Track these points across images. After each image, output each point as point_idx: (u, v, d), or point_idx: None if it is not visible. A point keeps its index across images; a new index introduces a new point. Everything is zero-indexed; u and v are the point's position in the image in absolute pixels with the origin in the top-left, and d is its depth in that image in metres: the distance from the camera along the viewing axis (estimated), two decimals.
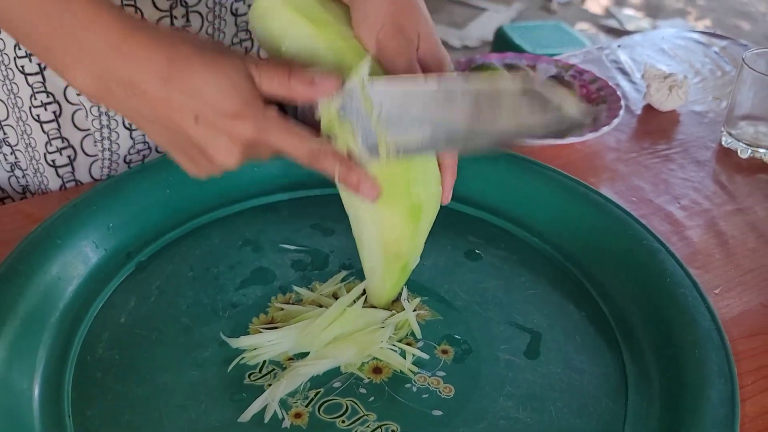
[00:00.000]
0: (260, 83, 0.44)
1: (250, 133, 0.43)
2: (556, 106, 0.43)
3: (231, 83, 0.42)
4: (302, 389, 0.48)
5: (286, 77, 0.43)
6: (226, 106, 0.42)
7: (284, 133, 0.44)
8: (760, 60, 0.75)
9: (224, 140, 0.44)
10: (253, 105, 0.43)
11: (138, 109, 0.44)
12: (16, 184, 0.70)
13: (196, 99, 0.42)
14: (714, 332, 0.50)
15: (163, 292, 0.55)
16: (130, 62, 0.42)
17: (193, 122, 0.43)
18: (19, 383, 0.47)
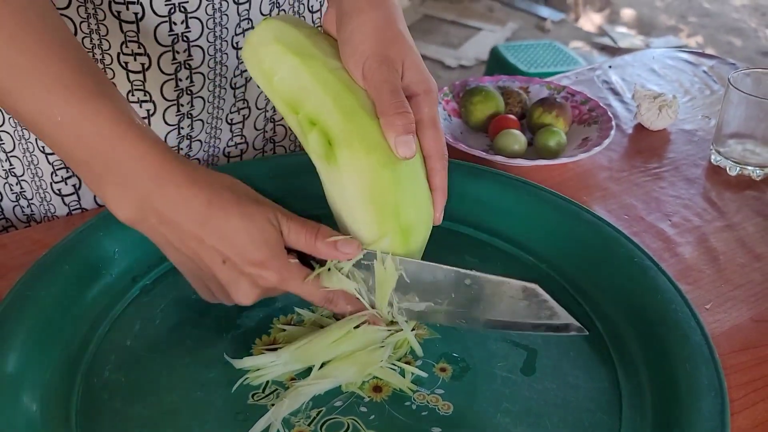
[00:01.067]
0: (288, 236, 0.49)
1: (273, 282, 0.49)
2: (550, 306, 0.50)
3: (262, 236, 0.47)
4: (304, 408, 0.49)
5: (313, 237, 0.49)
6: (254, 255, 0.47)
7: (302, 283, 0.50)
8: (746, 80, 0.77)
9: (246, 284, 0.49)
10: (279, 256, 0.48)
11: (168, 238, 0.48)
12: (21, 213, 0.72)
13: (228, 245, 0.46)
14: (704, 347, 0.51)
15: (168, 315, 0.57)
16: (170, 199, 0.46)
17: (220, 263, 0.47)
18: (28, 406, 0.48)
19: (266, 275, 0.48)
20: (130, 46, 0.62)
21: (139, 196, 0.46)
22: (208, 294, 0.52)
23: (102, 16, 0.60)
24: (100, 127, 0.45)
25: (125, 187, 0.46)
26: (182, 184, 0.46)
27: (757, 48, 3.25)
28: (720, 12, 3.59)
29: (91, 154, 0.45)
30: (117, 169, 0.45)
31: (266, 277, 0.48)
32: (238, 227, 0.46)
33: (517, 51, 2.51)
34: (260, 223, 0.47)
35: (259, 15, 0.67)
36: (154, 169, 0.45)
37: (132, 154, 0.45)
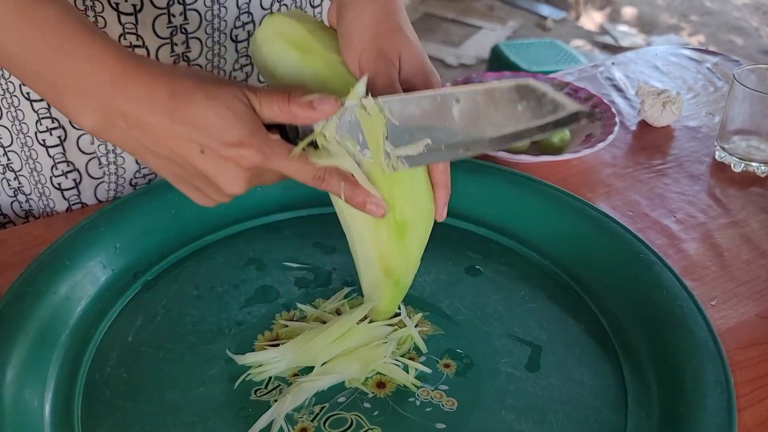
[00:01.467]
0: (261, 110, 0.45)
1: (256, 159, 0.44)
2: (550, 99, 0.44)
3: (233, 113, 0.44)
4: (307, 404, 0.49)
5: (285, 102, 0.45)
6: (230, 135, 0.44)
7: (288, 158, 0.45)
8: (750, 76, 0.77)
9: (231, 169, 0.45)
10: (257, 132, 0.44)
11: (141, 142, 0.45)
12: (19, 209, 0.71)
13: (200, 131, 0.43)
14: (710, 343, 0.51)
15: (169, 311, 0.56)
16: (132, 97, 0.43)
17: (198, 153, 0.44)
18: (30, 402, 0.48)
19: (247, 154, 0.44)
20: (129, 38, 0.62)
21: (100, 100, 0.43)
22: (202, 197, 0.48)
23: (100, 8, 0.60)
24: (46, 32, 0.42)
25: (84, 93, 0.43)
26: (141, 80, 0.43)
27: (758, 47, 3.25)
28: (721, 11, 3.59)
29: (42, 63, 0.43)
30: (72, 76, 0.43)
31: (248, 156, 0.44)
32: (207, 111, 0.43)
33: (518, 49, 2.51)
34: (228, 101, 0.44)
35: (260, 9, 0.67)
36: (109, 70, 0.43)
37: (84, 56, 0.43)
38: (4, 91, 0.63)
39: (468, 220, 0.66)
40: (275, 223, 0.66)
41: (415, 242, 0.52)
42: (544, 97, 0.44)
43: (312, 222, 0.66)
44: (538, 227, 0.64)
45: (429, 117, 0.46)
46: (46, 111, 0.64)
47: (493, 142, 0.46)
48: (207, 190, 0.47)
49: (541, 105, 0.45)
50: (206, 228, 0.64)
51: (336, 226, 0.64)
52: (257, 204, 0.66)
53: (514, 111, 0.45)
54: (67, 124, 0.66)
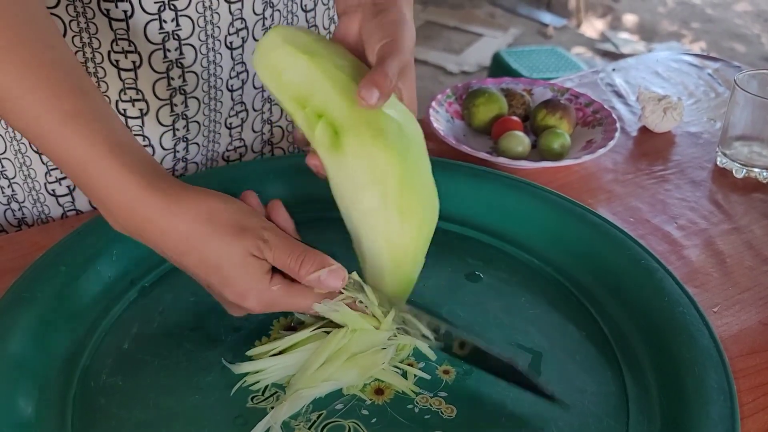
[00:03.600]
0: (273, 261, 0.48)
1: (256, 309, 0.49)
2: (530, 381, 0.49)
3: (242, 269, 0.47)
4: (305, 411, 0.48)
5: (296, 267, 0.48)
6: (232, 286, 0.48)
7: (288, 301, 0.49)
8: (752, 81, 0.76)
9: (233, 308, 0.50)
10: (258, 285, 0.48)
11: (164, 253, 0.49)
12: (12, 217, 0.71)
13: (207, 275, 0.48)
14: (713, 350, 0.50)
15: (166, 318, 0.56)
16: (147, 231, 0.47)
17: (206, 286, 0.50)
18: (24, 409, 0.47)
19: (247, 304, 0.48)
20: (121, 44, 0.62)
21: (121, 221, 0.47)
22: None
23: (91, 14, 0.60)
24: (75, 152, 0.45)
25: (106, 210, 0.47)
26: (157, 218, 0.46)
27: (760, 54, 3.25)
28: (723, 18, 3.59)
29: (71, 175, 0.46)
30: (94, 194, 0.47)
31: (248, 306, 0.48)
32: (217, 262, 0.47)
33: (519, 56, 2.51)
34: (240, 258, 0.47)
35: (252, 14, 0.67)
36: (127, 200, 0.46)
37: (105, 181, 0.46)
38: None
39: (468, 226, 0.65)
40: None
41: (423, 233, 0.51)
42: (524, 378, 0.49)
43: (309, 227, 0.66)
44: (538, 233, 0.63)
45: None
46: None
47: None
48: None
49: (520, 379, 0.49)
50: None
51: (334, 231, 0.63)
52: None
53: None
54: None
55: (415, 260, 0.52)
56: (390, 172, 0.48)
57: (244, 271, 0.47)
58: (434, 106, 0.81)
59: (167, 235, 0.47)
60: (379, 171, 0.48)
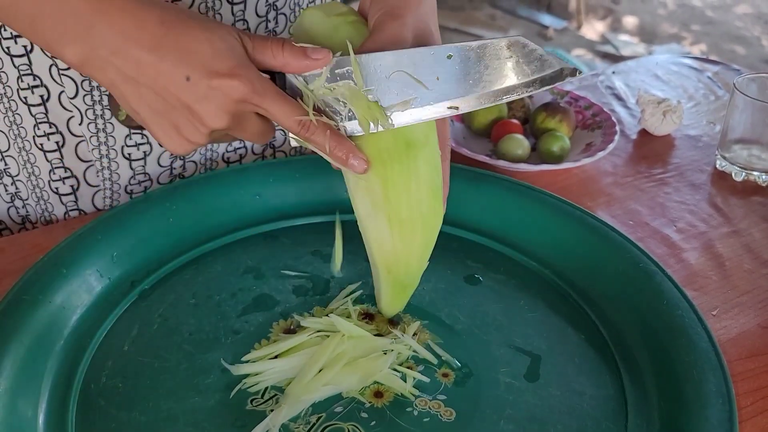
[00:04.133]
0: (253, 53, 0.44)
1: (244, 91, 0.43)
2: (538, 56, 0.46)
3: (226, 45, 0.43)
4: (304, 414, 0.49)
5: (279, 48, 0.44)
6: (219, 65, 0.42)
7: (277, 97, 0.44)
8: (751, 85, 0.76)
9: (216, 99, 0.43)
10: (248, 66, 0.43)
11: (123, 71, 0.43)
12: (16, 215, 0.71)
13: (189, 59, 0.42)
14: (711, 353, 0.50)
15: (166, 320, 0.56)
16: (117, 25, 0.42)
17: (184, 82, 0.43)
18: (24, 411, 0.47)
19: (236, 84, 0.43)
20: None
21: (83, 29, 0.42)
22: (178, 138, 0.46)
23: None
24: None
25: (66, 22, 0.42)
26: (128, 8, 0.42)
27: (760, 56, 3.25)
28: (723, 20, 3.59)
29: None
30: (54, 5, 0.41)
31: (236, 87, 0.43)
32: (199, 39, 0.42)
33: None
34: (221, 33, 0.43)
35: (255, 16, 0.67)
36: (100, 2, 0.42)
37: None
38: (1, 95, 0.63)
39: (467, 229, 0.66)
40: (273, 232, 0.66)
41: (415, 241, 0.51)
42: (532, 54, 0.46)
43: (310, 230, 0.66)
44: (537, 236, 0.63)
45: (420, 73, 0.46)
46: (43, 115, 0.64)
47: (481, 98, 0.47)
48: (186, 125, 0.45)
49: (529, 62, 0.46)
50: (203, 236, 0.64)
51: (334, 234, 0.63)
52: (255, 212, 0.66)
53: (503, 68, 0.46)
54: (65, 129, 0.65)
55: (408, 267, 0.52)
56: (375, 180, 0.48)
57: (228, 49, 0.43)
58: None
59: (140, 24, 0.42)
60: (367, 178, 0.48)
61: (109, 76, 0.44)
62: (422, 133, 0.48)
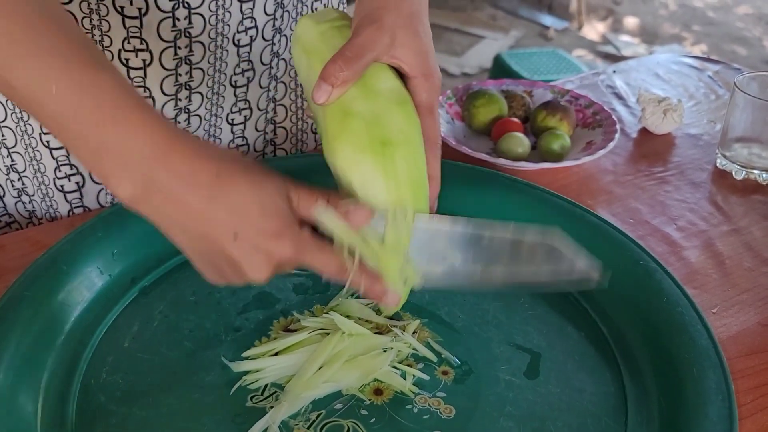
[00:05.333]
0: (297, 207, 0.46)
1: (288, 253, 0.45)
2: (569, 260, 0.48)
3: (273, 205, 0.44)
4: (303, 411, 0.49)
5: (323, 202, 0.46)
6: (267, 226, 0.44)
7: (317, 253, 0.46)
8: (752, 83, 0.76)
9: (261, 258, 0.45)
10: (291, 227, 0.45)
11: (174, 218, 0.44)
12: (23, 209, 0.71)
13: (239, 217, 0.44)
14: (711, 350, 0.50)
15: (166, 317, 0.56)
16: (175, 172, 0.43)
17: (231, 239, 0.44)
18: (24, 407, 0.47)
19: (281, 247, 0.45)
20: (132, 42, 0.62)
21: (142, 172, 0.42)
22: (218, 277, 0.48)
23: (105, 11, 0.60)
24: (100, 98, 0.42)
25: (126, 162, 0.42)
26: (188, 156, 0.43)
27: (761, 57, 3.25)
28: (724, 21, 3.59)
29: (88, 127, 0.42)
30: (117, 143, 0.42)
31: (281, 250, 0.45)
32: (248, 198, 0.44)
33: (520, 59, 2.51)
34: (271, 192, 0.44)
35: (263, 14, 0.67)
36: (157, 142, 0.42)
37: (134, 126, 0.42)
38: None
39: None
40: None
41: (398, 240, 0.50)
42: (564, 258, 0.48)
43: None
44: None
45: (453, 246, 0.48)
46: None
47: (505, 283, 0.49)
48: (227, 272, 0.47)
49: (559, 263, 0.48)
50: None
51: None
52: None
53: (533, 262, 0.48)
54: None
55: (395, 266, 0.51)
56: (354, 179, 0.48)
57: (275, 209, 0.44)
58: None
59: (196, 175, 0.43)
60: (346, 178, 0.48)
61: (158, 218, 0.45)
62: (399, 131, 0.48)
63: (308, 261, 0.47)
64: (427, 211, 0.51)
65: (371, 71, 0.49)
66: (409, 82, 0.51)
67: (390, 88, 0.49)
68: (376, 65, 0.50)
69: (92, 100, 0.42)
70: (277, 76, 0.74)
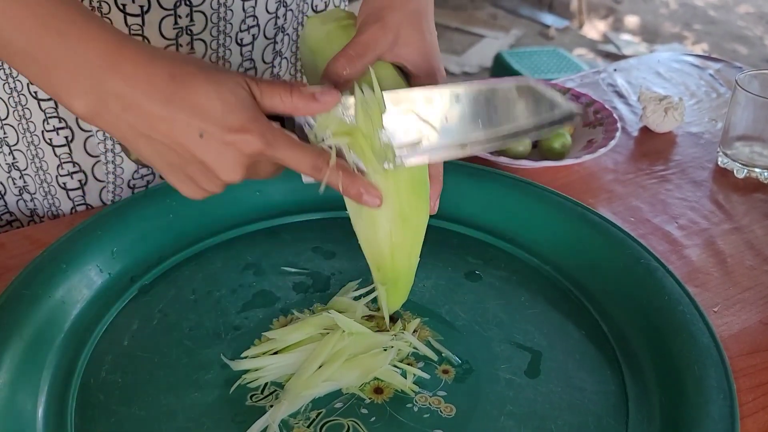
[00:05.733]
0: (261, 99, 0.44)
1: (257, 146, 0.43)
2: (548, 100, 0.46)
3: (236, 99, 0.43)
4: (304, 410, 0.48)
5: (288, 92, 0.44)
6: (232, 121, 0.43)
7: (289, 146, 0.45)
8: (753, 81, 0.76)
9: (230, 154, 0.43)
10: (259, 118, 0.44)
11: (135, 126, 0.43)
12: (24, 207, 0.71)
13: (201, 114, 0.42)
14: (713, 349, 0.50)
15: (166, 316, 0.56)
16: (128, 77, 0.42)
17: (197, 138, 0.43)
18: (24, 405, 0.47)
19: (249, 139, 0.43)
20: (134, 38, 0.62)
21: (95, 81, 0.41)
22: (193, 187, 0.46)
23: (107, 9, 0.60)
24: (39, 12, 0.41)
25: (77, 73, 0.41)
26: (140, 61, 0.42)
27: (762, 56, 3.24)
28: (725, 20, 3.59)
29: (34, 43, 0.41)
30: (65, 56, 0.41)
31: (250, 142, 0.43)
32: (208, 94, 0.42)
33: (520, 58, 2.51)
34: (231, 87, 0.43)
35: (265, 12, 0.67)
36: (108, 50, 0.41)
37: (79, 36, 0.41)
38: (12, 89, 0.63)
39: (468, 225, 0.65)
40: (274, 228, 0.65)
41: (400, 240, 0.50)
42: (542, 97, 0.45)
43: (311, 227, 0.66)
44: (538, 233, 0.63)
45: (429, 114, 0.46)
46: (53, 110, 0.64)
47: (491, 141, 0.47)
48: (200, 178, 0.45)
49: (538, 105, 0.46)
50: (204, 232, 0.64)
51: (335, 230, 0.63)
52: (256, 208, 0.66)
53: (513, 111, 0.46)
54: (74, 124, 0.65)
55: (395, 266, 0.51)
56: None
57: (238, 102, 0.43)
58: None
59: (151, 78, 0.42)
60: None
61: (121, 130, 0.44)
62: None
63: (280, 155, 0.45)
64: (428, 209, 0.51)
65: (374, 70, 0.49)
66: (412, 80, 0.51)
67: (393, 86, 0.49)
68: (379, 63, 0.50)
69: (34, 17, 0.41)
70: (279, 74, 0.74)
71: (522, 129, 0.46)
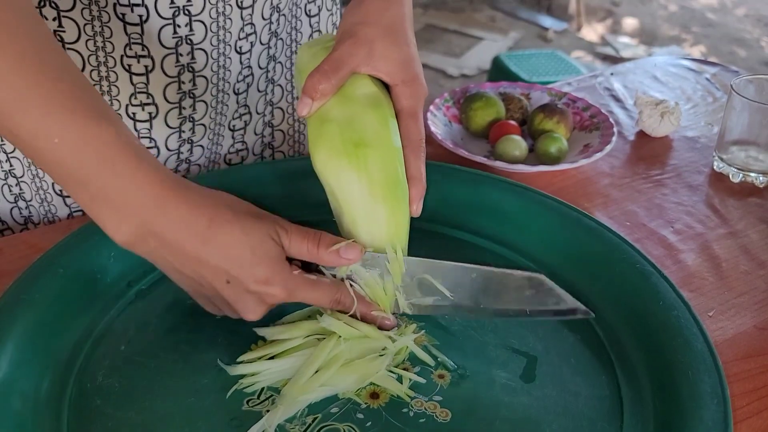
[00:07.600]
0: (289, 249, 0.49)
1: (280, 296, 0.49)
2: (555, 298, 0.52)
3: (263, 250, 0.47)
4: (300, 415, 0.49)
5: (315, 246, 0.49)
6: (258, 273, 0.47)
7: (309, 289, 0.50)
8: (749, 86, 0.76)
9: (253, 301, 0.49)
10: (282, 271, 0.48)
11: (169, 260, 0.47)
12: (18, 215, 0.71)
13: (231, 263, 0.47)
14: (707, 354, 0.50)
15: (163, 320, 0.56)
16: (171, 220, 0.46)
17: (224, 283, 0.48)
18: (19, 410, 0.47)
19: (272, 291, 0.48)
20: (134, 48, 0.62)
21: (139, 219, 0.45)
22: (213, 309, 0.52)
23: (107, 18, 0.60)
24: (101, 150, 0.44)
25: (124, 210, 0.45)
26: (183, 205, 0.46)
27: (760, 58, 3.25)
28: (723, 22, 3.60)
29: (89, 176, 0.44)
30: (116, 192, 0.45)
31: (273, 294, 0.48)
32: (240, 244, 0.47)
33: (519, 60, 2.51)
34: (261, 239, 0.48)
35: (261, 19, 0.67)
36: (154, 192, 0.45)
37: (133, 177, 0.45)
38: None
39: (464, 230, 0.66)
40: None
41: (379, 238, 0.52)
42: (551, 292, 0.52)
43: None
44: (535, 237, 0.63)
45: (444, 280, 0.53)
46: None
47: (496, 313, 0.54)
48: (224, 309, 0.51)
49: (546, 296, 0.52)
50: None
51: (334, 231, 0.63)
52: None
53: (522, 295, 0.53)
54: None
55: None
56: (330, 183, 0.51)
57: (266, 255, 0.48)
58: (432, 110, 0.82)
59: (190, 223, 0.46)
60: (326, 182, 0.52)
61: (154, 258, 0.48)
62: (374, 133, 0.51)
63: (301, 298, 0.50)
64: (406, 210, 0.53)
65: (350, 81, 0.53)
66: (391, 89, 0.55)
67: (365, 93, 0.53)
68: (356, 76, 0.54)
69: (95, 153, 0.44)
70: (273, 79, 0.74)
71: (526, 310, 0.53)
